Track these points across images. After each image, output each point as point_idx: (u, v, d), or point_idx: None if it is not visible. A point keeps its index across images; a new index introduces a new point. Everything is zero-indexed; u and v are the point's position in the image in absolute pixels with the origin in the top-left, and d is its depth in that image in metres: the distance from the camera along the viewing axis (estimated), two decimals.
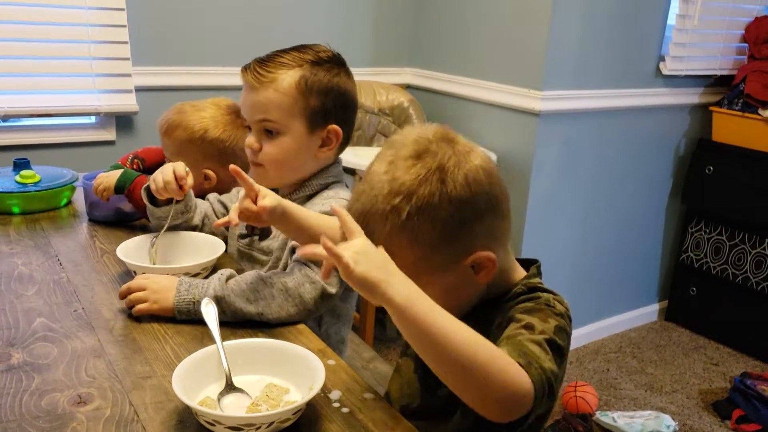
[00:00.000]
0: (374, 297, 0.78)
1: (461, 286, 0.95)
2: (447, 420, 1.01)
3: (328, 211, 1.32)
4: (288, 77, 1.34)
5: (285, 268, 1.33)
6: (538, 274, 1.03)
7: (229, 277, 1.23)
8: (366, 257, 0.78)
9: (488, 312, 0.98)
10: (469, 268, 0.93)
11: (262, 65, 1.37)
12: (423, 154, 0.91)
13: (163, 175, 1.40)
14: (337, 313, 1.45)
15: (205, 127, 1.69)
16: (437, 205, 0.88)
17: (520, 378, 0.78)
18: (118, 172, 1.62)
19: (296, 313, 1.21)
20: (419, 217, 0.88)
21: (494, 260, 0.92)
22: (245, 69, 1.38)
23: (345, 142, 1.44)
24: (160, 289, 1.20)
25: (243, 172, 1.14)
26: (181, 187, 1.40)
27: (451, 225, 0.89)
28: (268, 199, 1.15)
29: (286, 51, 1.39)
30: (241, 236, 1.51)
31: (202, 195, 1.69)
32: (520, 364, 0.80)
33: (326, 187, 1.43)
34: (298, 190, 1.43)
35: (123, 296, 1.22)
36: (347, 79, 1.40)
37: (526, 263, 1.04)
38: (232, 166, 1.14)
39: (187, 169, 1.43)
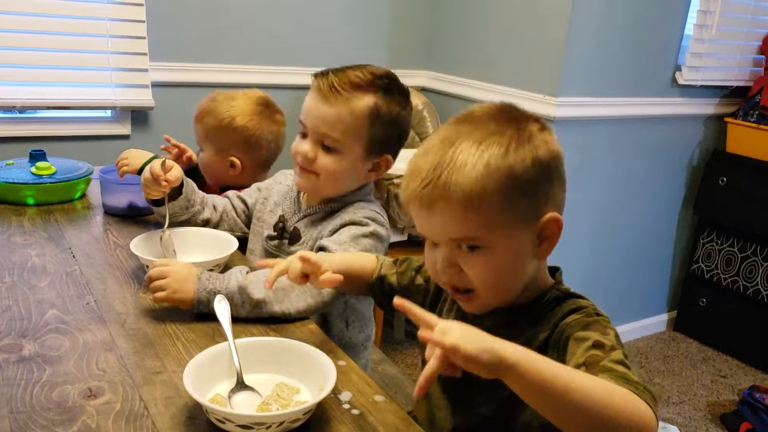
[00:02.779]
0: (491, 366, 0.72)
1: (525, 253, 0.93)
2: None
3: (354, 219, 1.35)
4: (363, 101, 1.34)
5: None
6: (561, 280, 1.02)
7: (248, 272, 1.24)
8: (466, 334, 0.74)
9: (521, 318, 0.96)
10: (536, 234, 0.92)
11: (338, 79, 1.34)
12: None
13: (143, 174, 1.43)
14: (360, 312, 1.47)
15: (233, 115, 1.74)
16: (524, 156, 0.89)
17: (639, 404, 0.76)
18: (148, 155, 1.64)
19: (314, 305, 1.23)
20: (515, 155, 0.88)
21: (561, 227, 0.93)
22: (321, 76, 1.36)
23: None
24: (181, 278, 1.19)
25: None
26: (164, 183, 1.40)
27: (536, 175, 0.90)
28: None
29: (361, 68, 1.37)
30: (270, 238, 1.50)
31: (226, 183, 1.71)
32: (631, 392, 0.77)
33: (353, 203, 1.43)
34: (331, 202, 1.44)
35: (148, 283, 1.22)
36: (408, 110, 1.42)
37: (550, 271, 1.04)
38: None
39: (171, 163, 1.43)
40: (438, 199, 0.88)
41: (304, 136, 1.40)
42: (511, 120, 0.92)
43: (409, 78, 3.11)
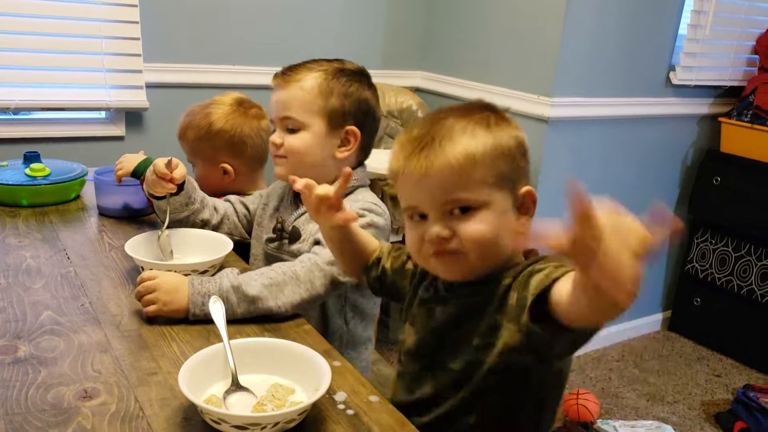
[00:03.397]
0: None
1: (508, 221, 0.97)
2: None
3: (355, 210, 1.36)
4: (311, 78, 1.42)
5: None
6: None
7: (240, 272, 1.25)
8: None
9: (491, 281, 0.99)
10: (516, 206, 0.98)
11: (290, 68, 1.46)
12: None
13: (148, 173, 1.46)
14: (361, 311, 1.48)
15: (210, 122, 1.75)
16: (505, 130, 0.98)
17: None
18: (142, 157, 1.65)
19: (308, 299, 1.25)
20: (495, 129, 0.97)
21: (535, 199, 0.99)
22: (275, 75, 1.47)
23: (365, 148, 1.49)
24: (171, 289, 1.19)
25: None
26: (171, 180, 1.42)
27: (515, 148, 0.98)
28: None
29: (315, 60, 1.48)
30: (270, 240, 1.51)
31: (223, 192, 1.71)
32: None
33: (351, 191, 1.45)
34: None
35: (138, 298, 1.21)
36: (368, 89, 1.48)
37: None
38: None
39: (177, 161, 1.45)
40: (434, 161, 0.94)
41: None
42: (484, 108, 1.01)
43: (403, 78, 3.12)
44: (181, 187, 1.48)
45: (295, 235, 1.46)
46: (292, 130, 1.43)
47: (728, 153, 3.12)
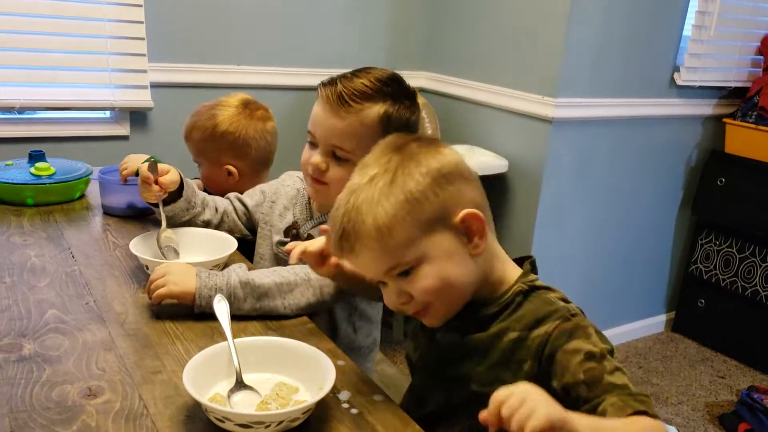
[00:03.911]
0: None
1: (457, 255, 0.96)
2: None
3: None
4: (372, 111, 1.32)
5: None
6: (533, 269, 1.05)
7: (247, 269, 1.25)
8: (535, 398, 0.73)
9: (487, 314, 1.00)
10: (461, 234, 0.95)
11: (347, 89, 1.32)
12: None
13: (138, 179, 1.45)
14: (368, 317, 1.47)
15: (214, 124, 1.75)
16: (411, 173, 0.94)
17: (657, 426, 0.83)
18: (145, 157, 1.66)
19: (315, 303, 1.25)
20: (403, 176, 0.94)
21: (482, 219, 0.95)
22: (328, 86, 1.34)
23: None
24: (181, 272, 1.21)
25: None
26: (155, 186, 1.42)
27: (428, 184, 0.94)
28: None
29: (366, 76, 1.35)
30: (281, 243, 1.49)
31: (226, 192, 1.71)
32: (638, 411, 0.83)
33: None
34: None
35: (149, 292, 1.22)
36: (417, 114, 1.41)
37: (520, 262, 1.06)
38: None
39: (166, 167, 1.44)
40: (355, 243, 0.94)
41: (313, 146, 1.37)
42: (393, 149, 0.98)
43: (407, 79, 3.08)
44: (180, 192, 1.48)
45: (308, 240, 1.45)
46: (340, 159, 1.34)
47: (733, 154, 3.12)
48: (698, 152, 3.26)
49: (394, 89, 1.35)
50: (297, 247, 1.13)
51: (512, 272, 1.03)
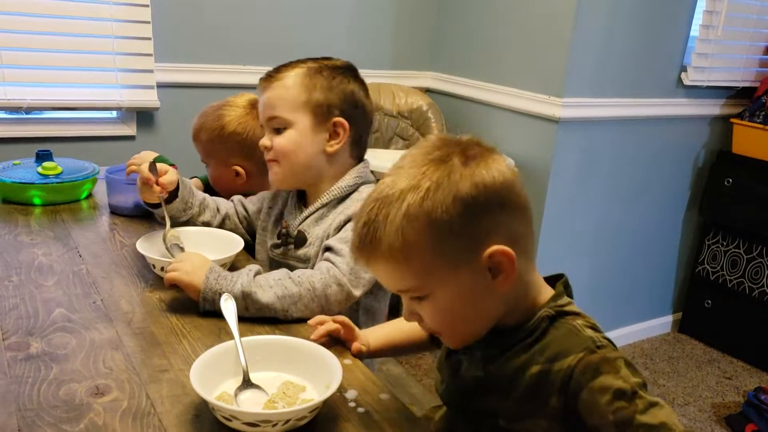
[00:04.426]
0: None
1: (478, 291, 0.88)
2: None
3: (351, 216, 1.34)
4: (293, 75, 1.40)
5: None
6: (566, 289, 0.98)
7: (256, 273, 1.24)
8: None
9: (513, 342, 0.92)
10: (486, 269, 0.87)
11: (274, 69, 1.44)
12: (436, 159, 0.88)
13: (138, 180, 1.47)
14: (372, 312, 1.47)
15: (222, 125, 1.74)
16: (444, 198, 0.84)
17: None
18: (155, 155, 1.66)
19: (319, 313, 1.23)
20: (433, 199, 0.84)
21: (512, 258, 0.86)
22: (261, 77, 1.44)
23: (358, 142, 1.46)
24: (196, 263, 1.23)
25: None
26: (156, 186, 1.44)
27: (460, 213, 0.84)
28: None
29: (299, 60, 1.45)
30: (275, 246, 1.49)
31: (236, 193, 1.71)
32: None
33: (356, 188, 1.43)
34: (326, 194, 1.43)
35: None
36: (354, 81, 1.44)
37: (553, 280, 0.99)
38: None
39: (164, 167, 1.46)
40: (370, 257, 0.89)
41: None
42: (434, 160, 0.87)
43: (414, 79, 3.12)
44: (176, 193, 1.49)
45: (301, 240, 1.45)
46: (279, 130, 1.40)
47: (740, 154, 3.10)
48: (705, 152, 3.25)
49: (318, 59, 1.45)
50: (320, 330, 1.14)
51: (544, 297, 0.95)
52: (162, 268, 1.32)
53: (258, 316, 1.21)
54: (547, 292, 0.96)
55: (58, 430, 0.87)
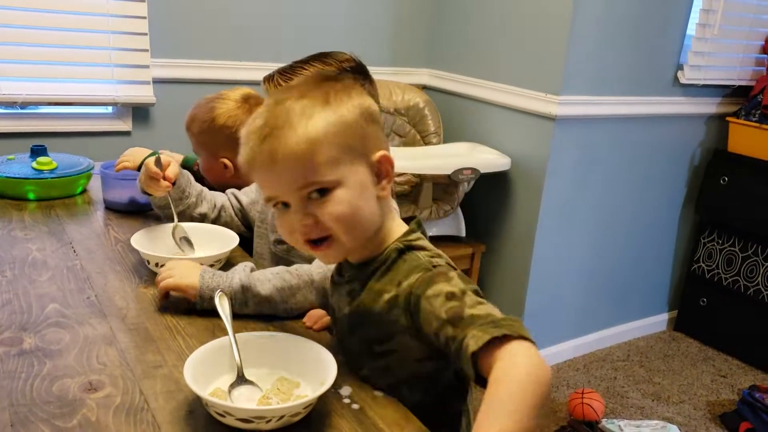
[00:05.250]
0: None
1: (368, 189, 0.97)
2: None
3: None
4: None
5: None
6: (419, 227, 1.06)
7: (252, 270, 1.24)
8: None
9: (368, 273, 1.02)
10: (373, 173, 0.98)
11: (284, 77, 1.34)
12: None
13: (141, 174, 1.45)
14: None
15: (212, 117, 1.74)
16: (346, 102, 0.96)
17: (530, 362, 0.80)
18: (148, 152, 1.65)
19: (318, 305, 1.23)
20: (338, 101, 0.96)
21: (393, 164, 0.99)
22: (268, 80, 1.37)
23: None
24: (189, 268, 1.22)
25: None
26: (164, 182, 1.43)
27: (360, 117, 0.97)
28: None
29: (307, 62, 1.37)
30: (279, 242, 1.48)
31: (226, 185, 1.71)
32: (505, 335, 0.81)
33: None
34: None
35: (157, 284, 1.23)
36: (372, 89, 1.38)
37: (406, 221, 1.08)
38: None
39: (167, 159, 1.45)
40: (278, 150, 0.92)
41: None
42: (324, 80, 1.00)
43: (411, 75, 3.11)
44: (173, 182, 1.49)
45: None
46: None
47: (736, 153, 3.11)
48: (701, 151, 3.25)
49: (333, 67, 1.40)
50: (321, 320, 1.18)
51: (398, 230, 1.04)
52: (157, 264, 1.31)
53: (257, 313, 1.20)
54: (401, 227, 1.05)
55: (51, 426, 0.87)
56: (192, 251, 1.43)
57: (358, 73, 1.39)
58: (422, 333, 0.93)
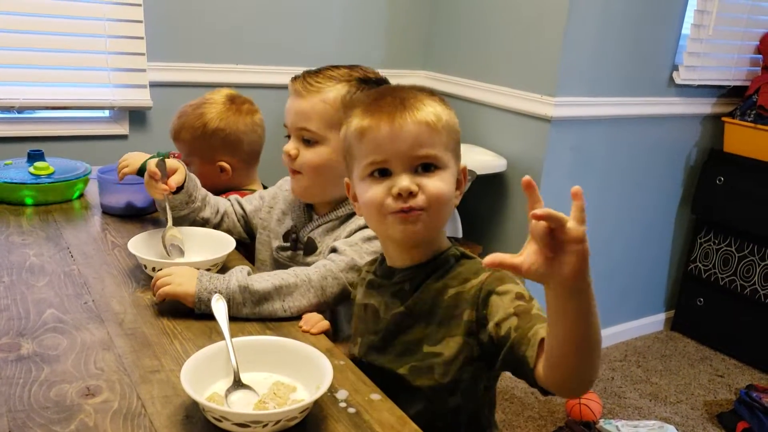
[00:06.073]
0: (584, 275, 0.88)
1: (453, 189, 1.07)
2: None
3: (363, 225, 1.35)
4: (335, 90, 1.36)
5: None
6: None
7: (249, 273, 1.24)
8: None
9: (423, 275, 1.08)
10: (456, 178, 1.09)
11: (311, 76, 1.39)
12: None
13: (146, 177, 1.46)
14: None
15: (204, 122, 1.76)
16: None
17: None
18: (147, 156, 1.65)
19: (316, 303, 1.25)
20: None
21: (467, 177, 1.11)
22: (294, 78, 1.41)
23: None
24: (185, 274, 1.22)
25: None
26: (163, 186, 1.43)
27: (459, 129, 1.11)
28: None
29: (337, 67, 1.41)
30: (282, 248, 1.49)
31: (221, 189, 1.71)
32: None
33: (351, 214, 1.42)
34: (342, 208, 1.43)
35: (153, 290, 1.23)
36: None
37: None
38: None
39: (174, 164, 1.46)
40: (409, 118, 1.02)
41: (288, 137, 1.43)
42: (430, 91, 1.10)
43: (407, 78, 3.11)
44: (181, 185, 1.49)
45: (311, 247, 1.44)
46: (309, 142, 1.38)
47: (731, 153, 3.12)
48: (697, 151, 3.26)
49: (360, 74, 1.40)
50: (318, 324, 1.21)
51: (446, 242, 1.12)
52: (153, 269, 1.32)
53: (256, 316, 1.21)
54: (447, 241, 1.13)
55: None
56: (181, 256, 1.42)
57: (382, 84, 1.42)
58: (483, 325, 1.00)
